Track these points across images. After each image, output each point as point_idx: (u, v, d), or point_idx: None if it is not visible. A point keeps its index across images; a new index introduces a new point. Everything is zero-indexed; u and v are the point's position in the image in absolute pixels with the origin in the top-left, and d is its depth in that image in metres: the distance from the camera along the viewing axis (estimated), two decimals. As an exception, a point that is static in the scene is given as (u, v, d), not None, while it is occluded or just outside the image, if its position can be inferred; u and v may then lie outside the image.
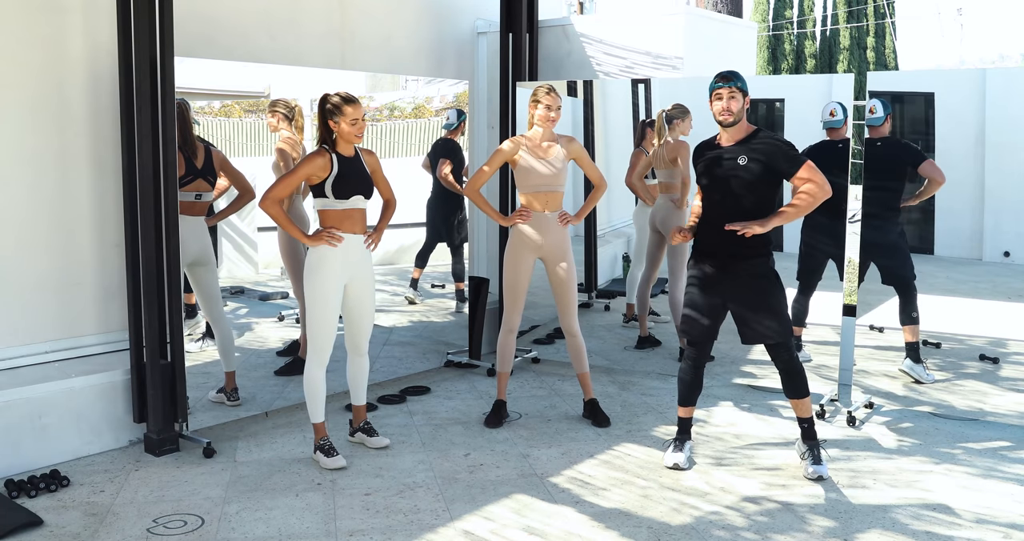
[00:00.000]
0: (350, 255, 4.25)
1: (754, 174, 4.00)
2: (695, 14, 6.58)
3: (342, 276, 4.26)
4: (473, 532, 3.61)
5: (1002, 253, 5.22)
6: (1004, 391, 5.12)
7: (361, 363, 4.51)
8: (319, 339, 4.27)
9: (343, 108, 4.16)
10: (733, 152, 4.05)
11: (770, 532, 3.61)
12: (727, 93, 4.00)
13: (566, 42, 6.41)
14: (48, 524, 3.66)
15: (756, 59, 12.06)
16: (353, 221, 4.25)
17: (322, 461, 4.29)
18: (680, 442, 4.35)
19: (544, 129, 4.78)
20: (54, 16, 4.49)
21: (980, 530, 3.62)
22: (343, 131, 4.18)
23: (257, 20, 5.28)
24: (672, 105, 5.77)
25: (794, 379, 4.15)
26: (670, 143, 5.78)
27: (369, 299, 4.40)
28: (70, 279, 4.64)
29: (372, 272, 4.41)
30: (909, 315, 5.19)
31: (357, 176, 4.25)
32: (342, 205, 4.21)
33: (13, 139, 4.41)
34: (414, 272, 6.40)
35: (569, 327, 4.92)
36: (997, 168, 5.13)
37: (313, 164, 4.17)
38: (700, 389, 4.34)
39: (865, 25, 20.44)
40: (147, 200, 4.31)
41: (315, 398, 4.32)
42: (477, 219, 6.69)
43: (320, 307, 4.23)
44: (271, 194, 4.17)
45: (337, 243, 4.19)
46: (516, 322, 4.96)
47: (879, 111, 5.07)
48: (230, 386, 4.98)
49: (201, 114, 5.17)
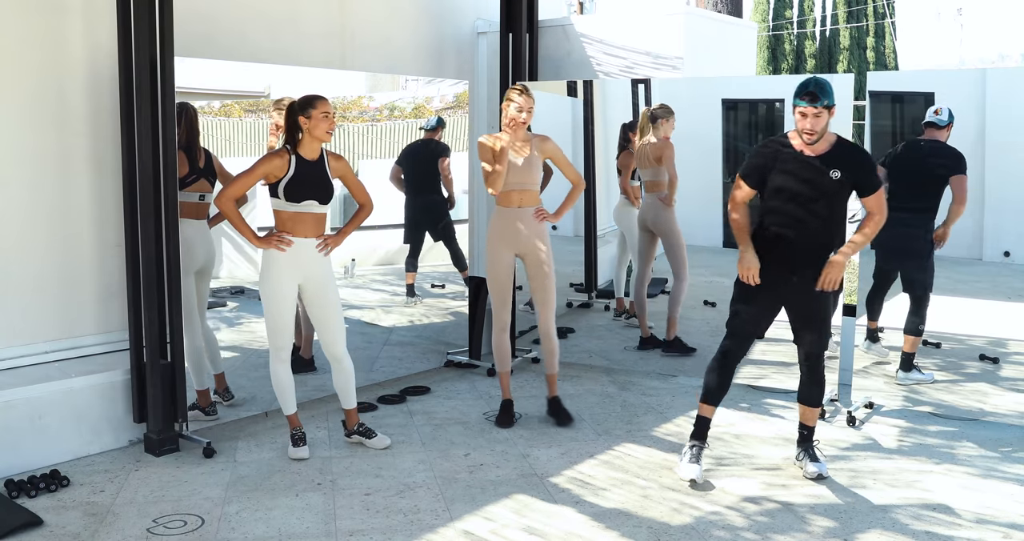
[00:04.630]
0: (300, 258, 4.25)
1: (843, 188, 3.93)
2: (695, 14, 6.58)
3: (292, 277, 4.28)
4: (473, 532, 3.61)
5: (1002, 253, 5.21)
6: (1004, 391, 5.12)
7: (341, 368, 4.49)
8: (274, 336, 4.35)
9: (314, 102, 4.15)
10: (822, 163, 3.90)
11: (770, 532, 3.61)
12: (812, 112, 3.81)
13: (566, 42, 6.41)
14: (48, 524, 3.66)
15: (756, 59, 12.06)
16: (305, 224, 4.25)
17: (289, 450, 4.40)
18: (697, 450, 4.14)
19: (512, 133, 4.73)
20: (54, 16, 4.48)
21: (980, 530, 3.62)
22: (315, 127, 4.16)
23: (257, 20, 5.28)
24: (658, 104, 5.79)
25: (814, 388, 4.14)
26: (654, 142, 5.78)
27: (326, 300, 4.38)
28: (70, 279, 4.64)
29: (328, 274, 4.37)
30: (916, 326, 5.19)
31: (313, 181, 4.23)
32: (293, 208, 4.21)
33: (13, 139, 4.41)
34: (408, 277, 6.39)
35: (544, 327, 4.90)
36: (997, 168, 5.13)
37: (270, 163, 4.18)
38: (727, 388, 4.14)
39: (865, 25, 20.43)
40: (147, 200, 4.31)
41: (283, 392, 4.43)
42: (477, 219, 6.69)
43: (273, 306, 4.29)
44: (227, 192, 4.20)
45: (286, 247, 4.21)
46: (506, 319, 4.94)
47: (944, 115, 5.02)
48: (220, 387, 4.97)
49: (201, 114, 5.16)
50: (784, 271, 4.01)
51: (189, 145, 4.67)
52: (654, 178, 5.84)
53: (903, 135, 5.31)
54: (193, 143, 4.71)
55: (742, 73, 6.71)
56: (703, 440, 4.19)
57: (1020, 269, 5.17)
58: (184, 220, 4.53)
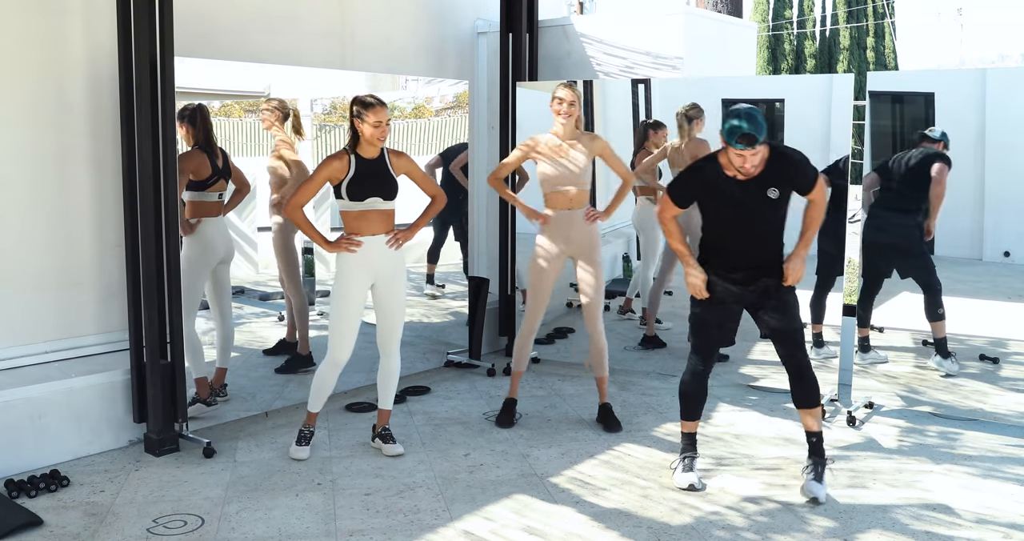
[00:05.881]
0: (370, 256, 4.25)
1: (783, 200, 3.90)
2: (695, 14, 6.58)
3: (365, 278, 4.28)
4: (473, 532, 3.61)
5: (1002, 253, 5.21)
6: (1004, 391, 5.12)
7: (388, 364, 4.50)
8: (335, 340, 4.32)
9: (366, 111, 4.16)
10: (758, 185, 3.85)
11: (770, 532, 3.61)
12: (750, 153, 3.72)
13: (566, 42, 6.41)
14: (48, 524, 3.66)
15: (756, 59, 12.06)
16: (372, 222, 4.25)
17: (291, 447, 4.45)
18: (689, 459, 4.11)
19: (563, 126, 4.73)
20: (54, 16, 4.48)
21: (980, 530, 3.62)
22: (364, 133, 4.19)
23: (257, 20, 5.28)
24: (689, 104, 5.76)
25: (804, 385, 3.97)
26: (690, 142, 5.77)
27: (394, 298, 4.39)
28: (70, 279, 4.64)
29: (399, 269, 4.38)
30: (935, 311, 5.17)
31: (375, 178, 4.23)
32: (358, 207, 4.21)
33: (13, 139, 4.41)
34: (428, 267, 6.42)
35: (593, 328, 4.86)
36: (997, 168, 5.13)
37: (330, 167, 4.19)
38: (705, 400, 4.13)
39: (865, 25, 20.44)
40: (147, 200, 4.31)
41: (319, 391, 4.42)
42: (477, 219, 6.69)
43: (340, 309, 4.28)
44: (294, 200, 4.21)
45: (356, 248, 4.22)
46: (537, 324, 4.93)
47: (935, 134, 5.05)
48: (219, 382, 4.98)
49: (201, 114, 5.18)
50: (739, 281, 3.96)
51: (209, 146, 4.75)
52: None
53: (903, 135, 5.32)
54: (212, 143, 4.79)
55: (742, 73, 6.71)
56: (694, 450, 4.15)
57: (1020, 269, 5.17)
58: (206, 219, 4.68)
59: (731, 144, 3.72)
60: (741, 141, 3.68)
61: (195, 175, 4.75)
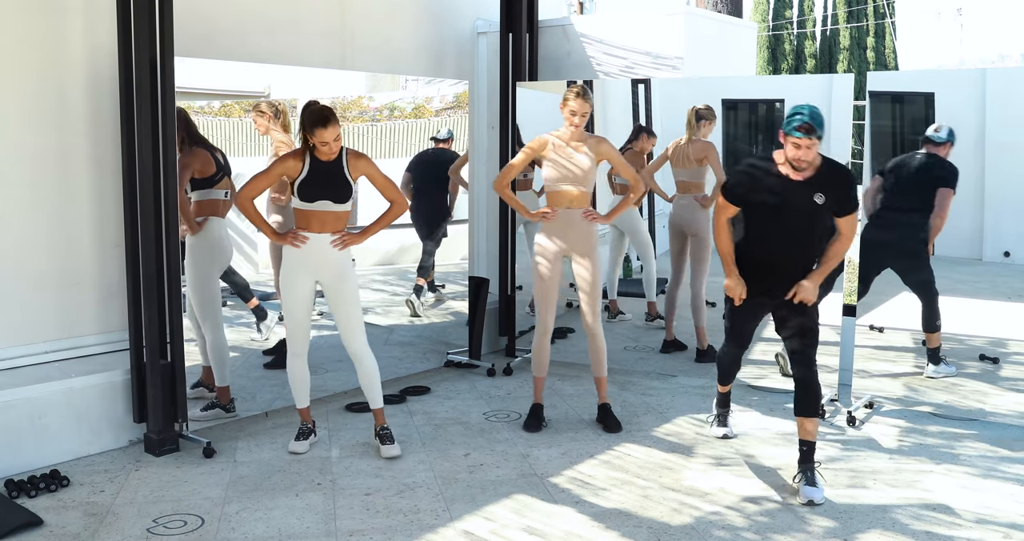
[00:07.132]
0: (314, 253, 4.28)
1: (827, 210, 3.95)
2: (695, 14, 6.58)
3: (308, 274, 4.34)
4: (473, 532, 3.61)
5: (1002, 253, 5.21)
6: (1004, 391, 5.12)
7: (361, 367, 4.48)
8: (289, 331, 4.45)
9: (316, 128, 4.12)
10: (808, 188, 3.91)
11: (770, 532, 3.61)
12: (806, 144, 3.79)
13: (566, 42, 6.41)
14: (48, 524, 3.66)
15: (756, 59, 12.05)
16: (322, 222, 4.27)
17: (290, 443, 4.52)
18: (723, 416, 4.70)
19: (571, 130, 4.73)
20: (54, 16, 4.48)
21: (980, 530, 3.62)
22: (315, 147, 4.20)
23: (257, 20, 5.28)
24: (703, 105, 5.76)
25: (807, 394, 4.00)
26: (697, 143, 5.76)
27: (342, 296, 4.38)
28: (70, 279, 4.64)
29: (344, 269, 4.36)
30: (932, 323, 5.20)
31: (327, 181, 4.23)
32: (307, 206, 4.25)
33: (13, 139, 4.41)
34: (418, 280, 6.44)
35: (590, 326, 4.87)
36: (997, 168, 5.13)
37: (284, 165, 4.24)
38: (739, 368, 4.60)
39: (865, 25, 20.43)
40: (147, 200, 4.31)
41: (295, 386, 4.53)
42: (477, 219, 6.69)
43: (286, 304, 4.40)
44: (244, 192, 4.28)
45: (301, 243, 4.26)
46: (550, 323, 4.91)
47: (943, 132, 5.05)
48: (225, 399, 4.96)
49: (201, 114, 5.18)
50: (768, 288, 4.07)
51: (206, 143, 4.76)
52: (692, 179, 5.82)
53: (903, 135, 5.31)
54: (204, 141, 4.78)
55: (742, 73, 6.71)
56: (727, 407, 4.71)
57: (1020, 269, 5.17)
58: (213, 218, 4.71)
59: (789, 133, 3.81)
60: (800, 129, 3.78)
61: (201, 173, 4.75)
